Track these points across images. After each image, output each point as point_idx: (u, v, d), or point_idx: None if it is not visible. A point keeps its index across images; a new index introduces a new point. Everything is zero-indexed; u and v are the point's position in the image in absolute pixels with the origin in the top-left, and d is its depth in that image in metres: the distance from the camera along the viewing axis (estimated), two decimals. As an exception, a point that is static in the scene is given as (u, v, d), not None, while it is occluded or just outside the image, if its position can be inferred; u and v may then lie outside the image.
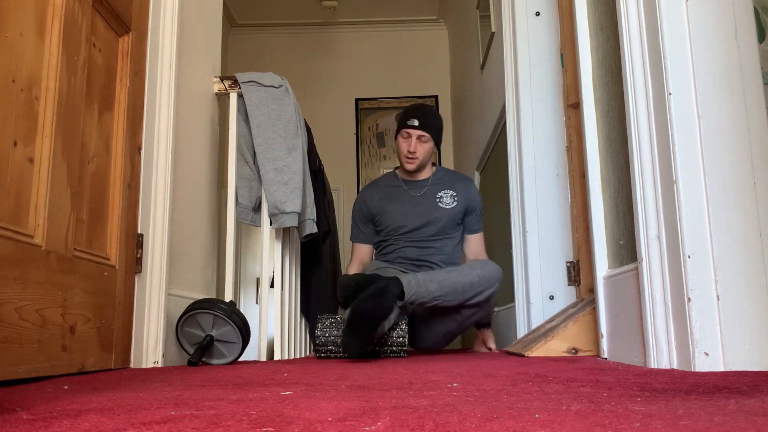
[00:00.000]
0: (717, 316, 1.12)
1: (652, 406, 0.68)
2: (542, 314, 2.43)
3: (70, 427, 0.60)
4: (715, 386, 0.86)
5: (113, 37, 1.64)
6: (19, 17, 1.21)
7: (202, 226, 2.24)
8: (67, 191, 1.37)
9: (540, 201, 2.52)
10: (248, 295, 5.45)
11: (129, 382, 1.15)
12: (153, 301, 1.77)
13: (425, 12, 5.94)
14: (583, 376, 1.09)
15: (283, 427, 0.57)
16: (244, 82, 2.31)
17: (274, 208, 2.24)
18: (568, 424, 0.56)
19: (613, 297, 1.56)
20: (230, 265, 2.27)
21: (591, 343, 1.82)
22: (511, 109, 2.68)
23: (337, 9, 5.77)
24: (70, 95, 1.38)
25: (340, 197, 5.58)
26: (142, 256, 1.74)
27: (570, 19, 2.30)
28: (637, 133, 1.32)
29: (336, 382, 1.04)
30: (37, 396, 0.90)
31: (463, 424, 0.57)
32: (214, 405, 0.73)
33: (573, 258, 2.42)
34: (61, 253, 1.33)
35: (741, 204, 1.16)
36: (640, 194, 1.31)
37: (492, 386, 0.92)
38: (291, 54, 5.96)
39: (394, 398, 0.78)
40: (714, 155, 1.18)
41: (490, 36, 3.41)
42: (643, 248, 1.29)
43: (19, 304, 1.17)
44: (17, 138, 1.20)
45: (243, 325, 1.85)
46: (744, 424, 0.54)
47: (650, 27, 1.29)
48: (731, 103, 1.19)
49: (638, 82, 1.32)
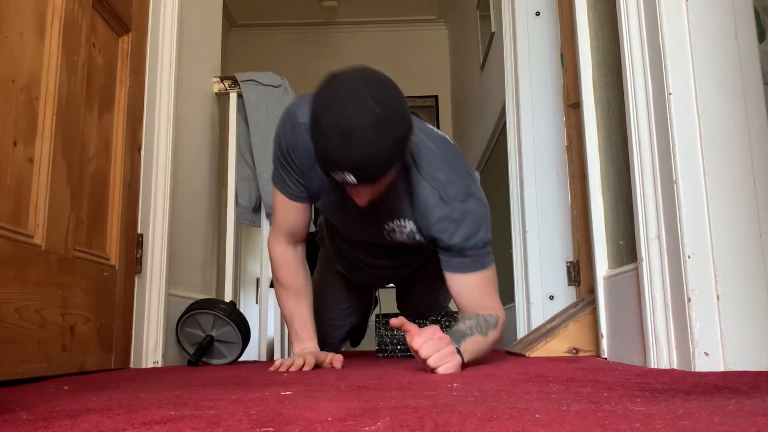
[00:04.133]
0: (717, 316, 1.12)
1: (652, 406, 0.67)
2: (542, 314, 2.43)
3: (70, 427, 0.60)
4: (715, 386, 0.86)
5: (113, 37, 1.64)
6: (19, 17, 1.21)
7: (202, 226, 2.24)
8: (67, 191, 1.37)
9: (540, 201, 2.52)
10: (248, 295, 5.45)
11: (129, 383, 1.15)
12: (153, 301, 1.77)
13: (425, 12, 5.94)
14: (583, 376, 1.09)
15: (283, 427, 0.57)
16: (244, 81, 2.32)
17: (270, 207, 2.24)
18: (568, 424, 0.56)
19: (613, 297, 1.56)
20: (230, 265, 2.27)
21: (591, 343, 1.82)
22: (511, 109, 2.68)
23: (337, 9, 5.77)
24: (70, 95, 1.38)
25: (340, 197, 5.57)
26: (142, 256, 1.74)
27: (570, 19, 2.30)
28: (637, 133, 1.32)
29: (336, 382, 1.04)
30: (37, 396, 0.90)
31: (463, 424, 0.57)
32: (214, 405, 0.73)
33: (573, 258, 2.42)
34: (61, 254, 1.33)
35: (741, 204, 1.16)
36: (640, 194, 1.31)
37: (492, 386, 0.92)
38: (291, 54, 5.96)
39: (394, 398, 0.78)
40: (714, 155, 1.18)
41: (490, 36, 3.41)
42: (643, 248, 1.29)
43: (19, 304, 1.17)
44: (17, 138, 1.20)
45: (243, 325, 1.85)
46: (744, 424, 0.54)
47: (650, 27, 1.29)
48: (731, 103, 1.19)
49: (638, 82, 1.32)
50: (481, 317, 1.40)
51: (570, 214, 2.43)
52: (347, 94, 1.16)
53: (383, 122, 1.15)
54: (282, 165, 1.47)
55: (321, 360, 1.51)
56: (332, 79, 1.21)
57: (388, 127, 1.17)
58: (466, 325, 1.37)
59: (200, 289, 2.18)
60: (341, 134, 1.14)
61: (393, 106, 1.18)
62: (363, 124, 1.14)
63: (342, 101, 1.15)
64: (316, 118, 1.18)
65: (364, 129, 1.14)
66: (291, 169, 1.47)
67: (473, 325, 1.37)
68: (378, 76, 1.20)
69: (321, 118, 1.17)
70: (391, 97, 1.19)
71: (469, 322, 1.38)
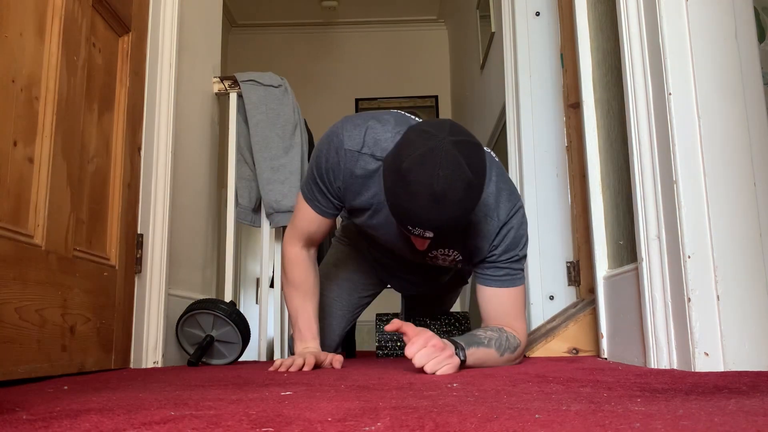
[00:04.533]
0: (717, 316, 1.12)
1: (652, 406, 0.67)
2: (542, 314, 2.43)
3: (70, 427, 0.60)
4: (715, 386, 0.86)
5: (113, 37, 1.64)
6: (19, 17, 1.21)
7: (202, 226, 2.24)
8: (67, 191, 1.37)
9: (540, 201, 2.52)
10: (248, 295, 5.45)
11: (129, 382, 1.14)
12: (153, 301, 1.77)
13: (425, 12, 5.93)
14: (583, 376, 1.09)
15: (283, 427, 0.57)
16: (243, 81, 2.32)
17: (269, 207, 2.24)
18: (568, 424, 0.56)
19: (613, 297, 1.56)
20: (230, 265, 2.27)
21: (591, 344, 1.82)
22: (511, 109, 2.68)
23: (337, 9, 5.77)
24: (70, 95, 1.38)
25: (340, 197, 5.57)
26: (142, 256, 1.74)
27: (570, 20, 2.30)
28: (637, 133, 1.32)
29: (336, 382, 1.04)
30: (37, 396, 0.90)
31: (463, 424, 0.57)
32: (214, 405, 0.73)
33: (573, 258, 2.42)
34: (61, 253, 1.33)
35: (741, 204, 1.16)
36: (640, 194, 1.31)
37: (492, 386, 0.92)
38: (291, 54, 5.96)
39: (394, 398, 0.78)
40: (714, 155, 1.18)
41: (490, 36, 3.41)
42: (643, 248, 1.29)
43: (19, 304, 1.17)
44: (17, 138, 1.20)
45: (243, 325, 1.85)
46: (744, 424, 0.54)
47: (650, 27, 1.29)
48: (731, 103, 1.19)
49: (638, 82, 1.32)
50: (504, 335, 1.38)
51: (570, 214, 2.43)
52: (443, 158, 1.12)
53: (474, 188, 1.16)
54: (317, 182, 1.47)
55: (321, 360, 1.51)
56: (425, 135, 1.16)
57: (477, 192, 1.17)
58: (487, 335, 1.34)
59: (200, 289, 2.18)
60: (434, 198, 1.12)
61: (482, 170, 1.18)
62: (456, 189, 1.13)
63: (437, 164, 1.12)
64: (405, 174, 1.14)
65: (456, 195, 1.13)
66: (326, 188, 1.46)
67: (493, 338, 1.35)
68: (469, 138, 1.18)
69: (412, 176, 1.13)
70: (480, 160, 1.18)
71: (490, 333, 1.36)
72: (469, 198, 1.16)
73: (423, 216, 1.16)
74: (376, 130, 1.39)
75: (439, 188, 1.12)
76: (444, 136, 1.15)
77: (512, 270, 1.42)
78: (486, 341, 1.33)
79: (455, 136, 1.16)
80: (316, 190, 1.48)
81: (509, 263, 1.42)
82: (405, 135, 1.20)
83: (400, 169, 1.15)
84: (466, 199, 1.16)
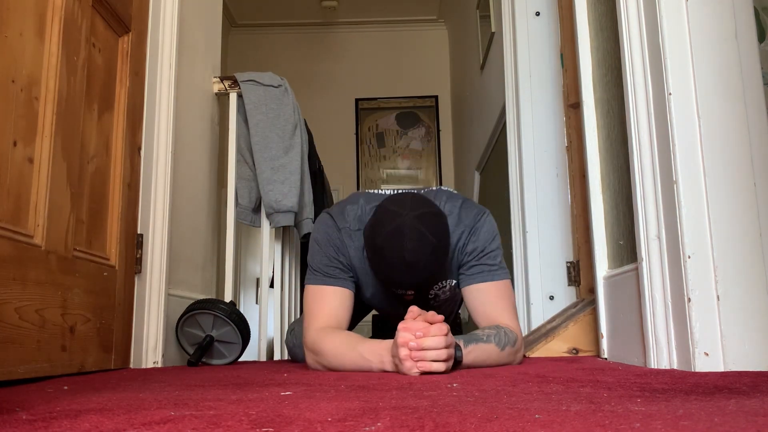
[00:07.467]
0: (717, 316, 1.12)
1: (652, 406, 0.67)
2: (542, 315, 2.43)
3: (70, 427, 0.60)
4: (715, 386, 0.86)
5: (113, 37, 1.64)
6: (19, 17, 1.21)
7: (202, 226, 2.24)
8: (67, 191, 1.37)
9: (540, 201, 2.52)
10: (248, 295, 5.45)
11: (129, 383, 1.14)
12: (153, 301, 1.77)
13: (425, 12, 5.93)
14: (583, 376, 1.09)
15: (283, 427, 0.57)
16: (243, 81, 2.32)
17: (269, 207, 2.24)
18: (568, 424, 0.56)
19: (613, 297, 1.56)
20: (230, 265, 2.27)
21: (591, 344, 1.82)
22: (511, 109, 2.68)
23: (337, 9, 5.77)
24: (69, 95, 1.38)
25: (339, 197, 5.58)
26: (142, 256, 1.74)
27: (570, 19, 2.30)
28: (637, 133, 1.32)
29: (336, 383, 1.04)
30: (37, 396, 0.90)
31: (463, 424, 0.57)
32: (214, 405, 0.73)
33: (573, 258, 2.42)
34: (60, 254, 1.33)
35: (741, 204, 1.16)
36: (640, 194, 1.31)
37: (492, 386, 0.92)
38: (291, 54, 5.96)
39: (394, 398, 0.78)
40: (714, 155, 1.18)
41: (490, 36, 3.41)
42: (643, 248, 1.29)
43: (19, 304, 1.17)
44: (17, 138, 1.20)
45: (243, 325, 1.85)
46: (744, 424, 0.54)
47: (650, 27, 1.28)
48: (731, 103, 1.19)
49: (638, 82, 1.32)
50: (502, 330, 1.39)
51: (570, 214, 2.43)
52: (408, 233, 1.30)
53: (440, 249, 1.35)
54: (329, 263, 1.51)
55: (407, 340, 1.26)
56: (391, 214, 1.33)
57: (443, 251, 1.37)
58: (484, 332, 1.36)
59: (200, 290, 2.18)
60: (407, 266, 1.32)
61: (444, 233, 1.36)
62: (424, 254, 1.31)
63: (403, 238, 1.30)
64: (380, 249, 1.33)
65: (425, 259, 1.32)
66: (340, 262, 1.51)
67: (491, 334, 1.36)
68: (429, 209, 1.35)
69: (386, 252, 1.32)
70: (441, 224, 1.36)
71: (487, 331, 1.37)
72: (437, 259, 1.35)
73: (401, 280, 1.37)
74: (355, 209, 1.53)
75: (409, 257, 1.30)
76: (407, 213, 1.32)
77: (488, 265, 1.51)
78: (485, 337, 1.34)
79: (416, 210, 1.33)
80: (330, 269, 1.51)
81: (483, 258, 1.50)
82: (375, 214, 1.38)
83: (375, 245, 1.34)
84: (434, 261, 1.35)
